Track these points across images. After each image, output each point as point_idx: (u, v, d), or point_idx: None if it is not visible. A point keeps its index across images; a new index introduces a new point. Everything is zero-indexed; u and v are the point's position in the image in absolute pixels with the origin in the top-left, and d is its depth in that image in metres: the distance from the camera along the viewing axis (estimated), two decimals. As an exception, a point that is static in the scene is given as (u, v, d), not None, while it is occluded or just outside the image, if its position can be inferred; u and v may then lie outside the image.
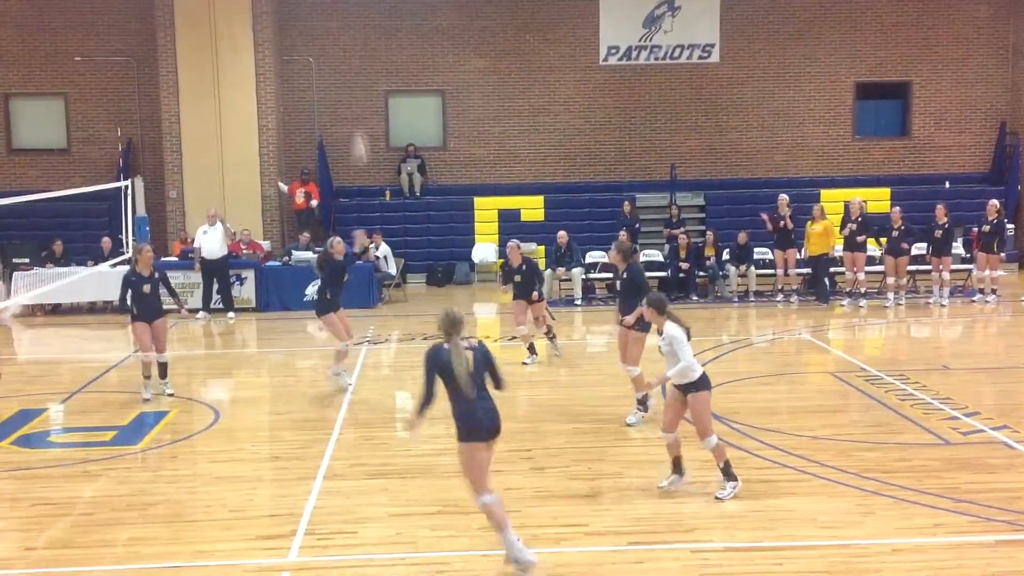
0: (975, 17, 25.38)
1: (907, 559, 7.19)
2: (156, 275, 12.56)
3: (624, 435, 10.40)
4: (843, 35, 25.27)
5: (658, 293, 9.04)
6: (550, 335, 14.77)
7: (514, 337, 16.85)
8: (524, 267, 14.55)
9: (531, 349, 14.54)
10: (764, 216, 19.94)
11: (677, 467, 8.76)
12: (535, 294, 14.43)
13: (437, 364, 7.09)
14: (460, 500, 8.46)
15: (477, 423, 7.06)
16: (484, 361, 7.23)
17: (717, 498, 8.36)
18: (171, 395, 12.50)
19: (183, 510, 8.47)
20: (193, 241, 19.85)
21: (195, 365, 14.83)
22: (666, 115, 25.34)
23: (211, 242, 19.05)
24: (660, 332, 8.62)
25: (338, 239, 13.48)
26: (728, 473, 8.48)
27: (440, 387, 7.08)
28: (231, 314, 18.95)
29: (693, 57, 25.22)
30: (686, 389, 8.49)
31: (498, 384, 7.31)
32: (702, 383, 8.53)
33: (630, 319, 10.66)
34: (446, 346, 7.12)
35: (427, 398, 7.09)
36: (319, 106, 24.73)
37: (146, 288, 12.40)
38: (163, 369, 12.66)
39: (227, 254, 19.20)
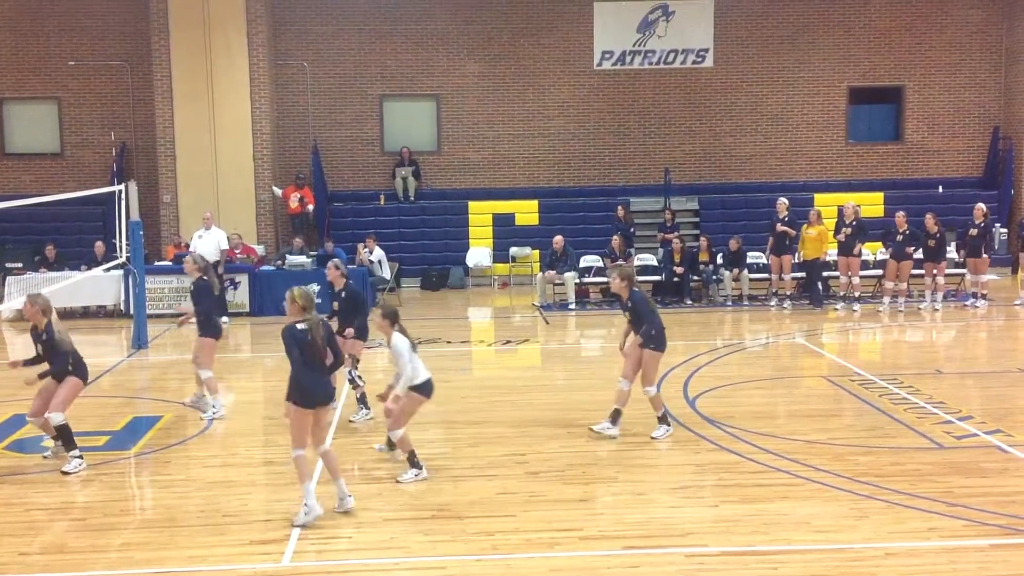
0: (968, 22, 25.46)
1: (901, 563, 7.20)
2: None
3: (619, 440, 10.39)
4: (836, 40, 25.35)
5: (390, 304, 9.75)
6: (355, 385, 11.67)
7: (509, 341, 16.88)
8: (344, 294, 11.65)
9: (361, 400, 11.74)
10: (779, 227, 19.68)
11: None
12: (348, 330, 11.40)
13: (296, 340, 8.07)
14: (454, 504, 8.47)
15: (319, 393, 8.14)
16: (328, 337, 8.31)
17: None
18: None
19: (177, 515, 8.45)
20: (188, 246, 19.83)
21: (189, 370, 14.76)
22: (660, 120, 25.39)
23: (206, 246, 19.04)
24: (388, 343, 9.27)
25: (193, 256, 12.58)
26: None
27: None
28: (225, 319, 18.90)
29: (687, 62, 25.27)
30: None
31: (336, 359, 8.40)
32: (423, 388, 9.21)
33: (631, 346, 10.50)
34: (300, 326, 8.11)
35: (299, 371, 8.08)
36: (314, 110, 24.74)
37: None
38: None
39: (221, 259, 19.17)
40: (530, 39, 25.04)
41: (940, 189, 25.01)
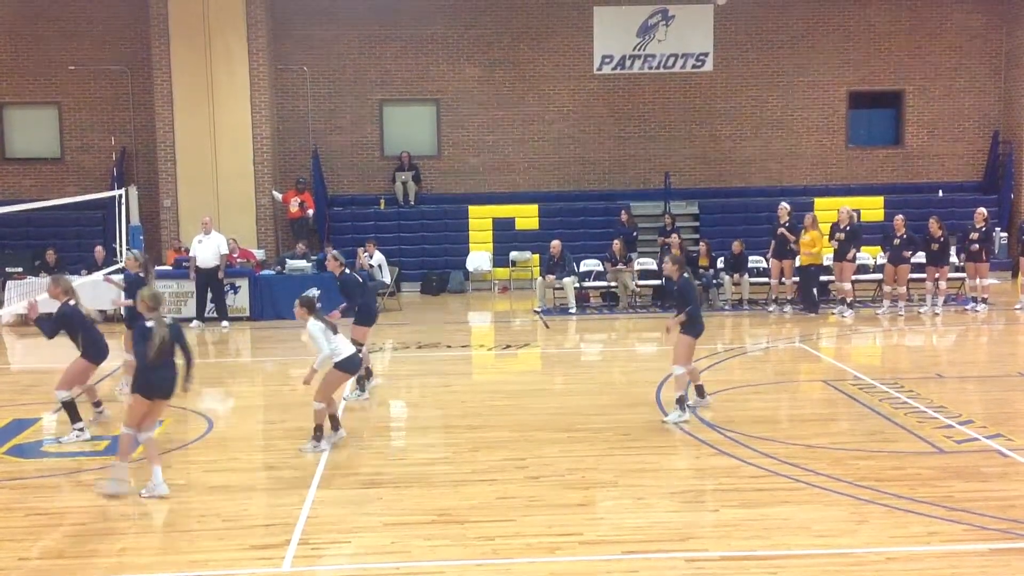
0: (968, 26, 25.49)
1: (901, 568, 7.19)
2: None
3: (619, 444, 10.39)
4: (836, 44, 25.38)
5: (309, 295, 10.48)
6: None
7: (509, 346, 16.88)
8: (339, 282, 12.55)
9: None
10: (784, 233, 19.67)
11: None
12: (334, 312, 12.00)
13: (143, 336, 8.82)
14: (454, 509, 8.46)
15: (160, 387, 8.93)
16: (177, 336, 8.99)
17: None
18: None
19: (176, 520, 8.44)
20: (188, 251, 19.84)
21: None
22: (660, 124, 25.40)
23: (205, 251, 19.06)
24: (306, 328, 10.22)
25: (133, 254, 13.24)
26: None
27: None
28: (225, 323, 18.94)
29: (687, 66, 25.29)
30: None
31: (188, 359, 9.10)
32: (345, 364, 10.17)
33: (672, 323, 11.42)
34: (147, 323, 8.86)
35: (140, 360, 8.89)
36: (313, 115, 24.75)
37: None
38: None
39: (220, 264, 19.15)
40: (530, 43, 25.06)
41: (940, 193, 25.02)
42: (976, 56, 25.62)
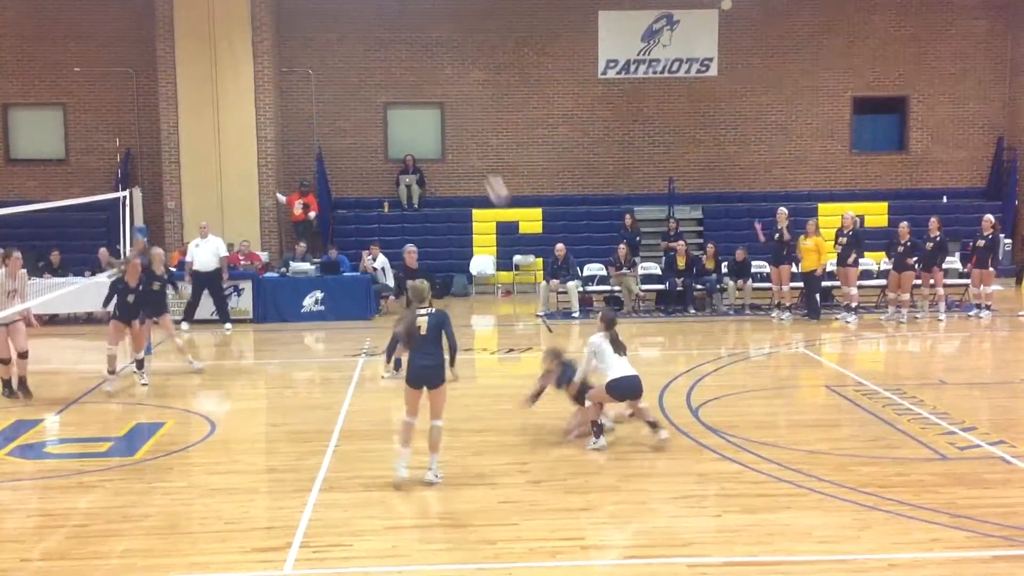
0: (972, 32, 25.47)
1: (904, 574, 7.18)
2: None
3: (621, 449, 10.38)
4: (841, 50, 25.37)
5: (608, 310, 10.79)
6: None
7: (512, 350, 16.88)
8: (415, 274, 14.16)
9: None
10: (757, 226, 19.84)
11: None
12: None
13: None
14: (455, 513, 8.46)
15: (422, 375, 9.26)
16: (438, 325, 9.38)
17: None
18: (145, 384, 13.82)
19: (179, 522, 8.45)
20: (184, 254, 19.79)
21: (191, 376, 14.79)
22: (664, 128, 25.41)
23: (204, 255, 19.02)
24: None
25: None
26: None
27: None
28: (228, 325, 18.93)
29: (691, 71, 25.30)
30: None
31: (452, 346, 9.45)
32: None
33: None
34: (421, 312, 9.40)
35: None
36: (318, 118, 24.77)
37: (130, 298, 13.69)
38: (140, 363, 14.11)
39: (219, 267, 19.11)
40: (534, 47, 25.07)
41: (944, 199, 24.99)
42: (981, 62, 25.59)
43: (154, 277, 14.44)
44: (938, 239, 19.09)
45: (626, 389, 10.27)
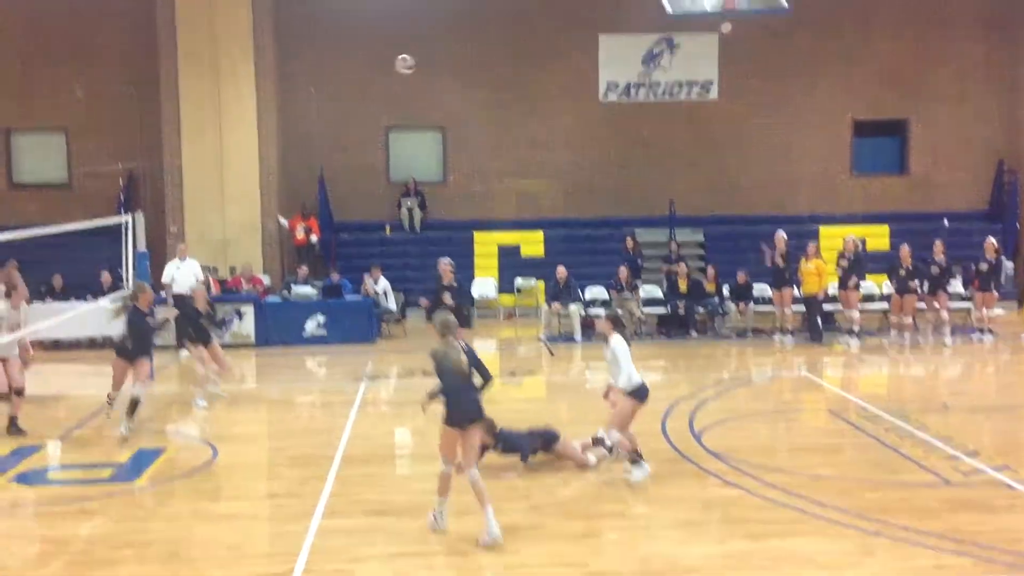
0: (973, 54, 25.57)
1: (908, 601, 7.15)
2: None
3: (623, 473, 10.34)
4: (841, 72, 25.46)
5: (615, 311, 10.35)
6: None
7: (513, 373, 16.86)
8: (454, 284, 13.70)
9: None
10: (764, 246, 19.85)
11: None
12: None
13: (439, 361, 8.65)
14: (459, 540, 8.42)
15: (467, 410, 8.56)
16: (472, 358, 8.69)
17: None
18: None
19: (180, 548, 8.42)
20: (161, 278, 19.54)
21: (193, 402, 14.75)
22: (665, 151, 25.46)
23: (184, 276, 18.93)
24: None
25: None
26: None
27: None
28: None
29: (692, 94, 25.39)
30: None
31: (485, 378, 8.76)
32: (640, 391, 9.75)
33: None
34: (445, 348, 8.62)
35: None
36: (320, 140, 24.83)
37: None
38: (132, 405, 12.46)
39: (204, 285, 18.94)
40: (536, 71, 25.17)
41: (945, 222, 24.93)
42: (981, 84, 25.68)
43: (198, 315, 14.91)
44: (943, 263, 19.09)
45: (646, 391, 10.03)
